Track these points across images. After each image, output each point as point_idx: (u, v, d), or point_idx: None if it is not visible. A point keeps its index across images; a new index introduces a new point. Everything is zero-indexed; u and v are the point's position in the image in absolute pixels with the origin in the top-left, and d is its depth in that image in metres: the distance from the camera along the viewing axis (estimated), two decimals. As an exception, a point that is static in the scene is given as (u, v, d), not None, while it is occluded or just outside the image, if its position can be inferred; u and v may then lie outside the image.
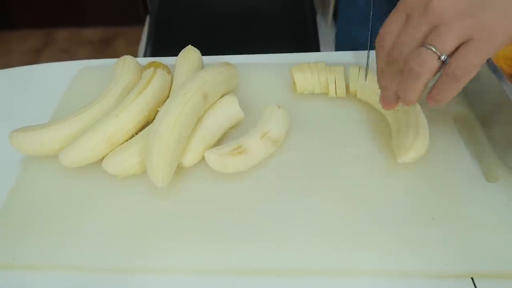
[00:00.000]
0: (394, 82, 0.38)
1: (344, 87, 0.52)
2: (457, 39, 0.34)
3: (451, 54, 0.34)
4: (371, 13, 0.48)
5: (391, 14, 0.38)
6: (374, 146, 0.47)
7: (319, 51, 1.08)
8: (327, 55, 0.62)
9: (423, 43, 0.35)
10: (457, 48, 0.34)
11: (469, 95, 0.51)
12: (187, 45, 0.55)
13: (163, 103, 0.47)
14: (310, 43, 1.11)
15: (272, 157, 0.46)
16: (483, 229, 0.39)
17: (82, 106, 0.47)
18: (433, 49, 0.34)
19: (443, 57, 0.34)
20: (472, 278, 0.36)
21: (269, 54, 0.62)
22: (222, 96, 0.48)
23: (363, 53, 0.61)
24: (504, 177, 0.43)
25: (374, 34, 0.44)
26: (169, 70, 0.51)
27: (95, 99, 0.48)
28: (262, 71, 0.57)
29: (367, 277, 0.37)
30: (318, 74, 0.52)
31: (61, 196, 0.43)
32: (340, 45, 0.87)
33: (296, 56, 0.62)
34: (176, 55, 0.55)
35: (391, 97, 0.39)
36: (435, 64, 0.35)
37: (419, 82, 0.36)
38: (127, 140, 0.44)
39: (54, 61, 0.63)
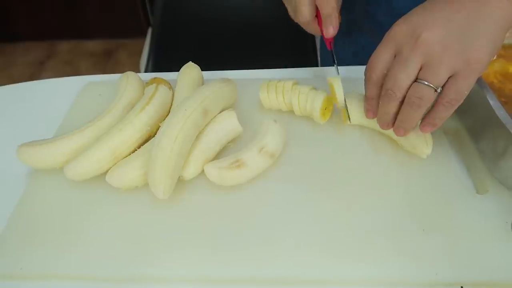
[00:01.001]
0: (389, 108, 0.42)
1: (307, 109, 0.52)
2: (447, 73, 0.38)
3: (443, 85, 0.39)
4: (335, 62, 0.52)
5: (380, 45, 0.42)
6: (368, 160, 0.48)
7: (317, 64, 1.10)
8: (325, 70, 0.64)
9: (418, 78, 0.39)
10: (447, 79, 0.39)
11: (459, 109, 0.52)
12: (188, 59, 0.57)
13: (164, 118, 0.49)
14: (309, 57, 1.13)
15: (269, 169, 0.47)
16: (473, 239, 0.40)
17: (87, 121, 0.49)
18: (429, 84, 0.39)
19: (439, 90, 0.39)
20: (461, 287, 0.38)
21: (268, 70, 0.64)
22: (221, 111, 0.50)
23: (361, 68, 0.63)
24: (494, 188, 0.44)
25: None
26: (170, 86, 0.53)
27: (99, 114, 0.50)
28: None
29: (360, 286, 0.38)
30: (282, 95, 0.53)
31: (66, 208, 0.44)
32: (324, 60, 0.89)
33: (294, 71, 0.64)
34: (177, 68, 0.57)
35: (389, 121, 0.44)
36: (432, 96, 0.39)
37: (419, 112, 0.41)
38: (130, 154, 0.46)
39: (57, 72, 0.65)
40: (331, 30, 0.49)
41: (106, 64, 2.07)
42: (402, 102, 0.42)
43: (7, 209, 0.45)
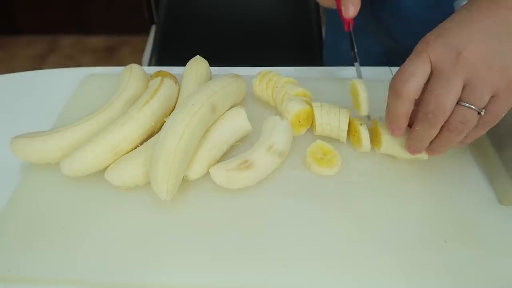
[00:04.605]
0: (429, 134, 0.39)
1: (291, 115, 0.46)
2: (490, 94, 0.36)
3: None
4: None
5: (413, 57, 0.37)
6: (384, 165, 0.46)
7: (322, 63, 1.08)
8: (332, 70, 0.61)
9: (460, 100, 0.36)
10: None
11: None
12: (192, 55, 0.54)
13: (169, 113, 0.46)
14: (315, 57, 1.11)
15: (279, 171, 0.44)
16: (497, 253, 0.38)
17: (86, 113, 0.46)
18: (473, 107, 0.36)
19: (482, 112, 0.36)
20: (487, 306, 0.35)
21: (276, 67, 0.61)
22: (230, 108, 0.47)
23: (373, 69, 0.60)
24: (519, 200, 0.42)
25: None
26: (176, 80, 0.50)
27: (100, 106, 0.47)
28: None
29: (378, 301, 0.35)
30: (271, 89, 0.50)
31: (61, 207, 0.41)
32: (328, 60, 0.86)
33: (303, 70, 0.61)
34: (180, 64, 0.54)
35: (422, 148, 0.41)
36: (476, 119, 0.37)
37: (461, 137, 0.38)
38: (131, 150, 0.43)
39: (59, 67, 0.62)
40: (351, 9, 0.43)
41: (108, 60, 2.05)
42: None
43: (-3, 206, 0.42)
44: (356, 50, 0.47)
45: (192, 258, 0.37)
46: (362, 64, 0.62)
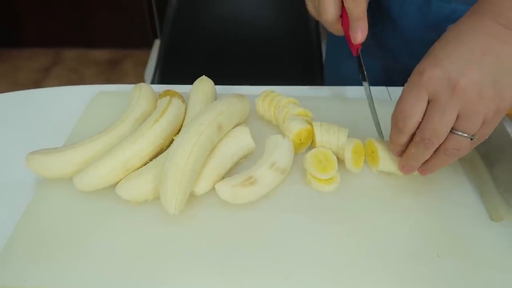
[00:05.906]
0: (423, 156, 0.42)
1: (292, 134, 0.49)
2: (481, 121, 0.38)
3: None
4: None
5: (411, 90, 0.40)
6: (380, 181, 0.48)
7: (323, 81, 1.10)
8: (333, 90, 0.64)
9: (454, 128, 0.39)
10: None
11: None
12: (195, 73, 0.56)
13: (178, 131, 0.48)
14: (315, 74, 1.13)
15: (281, 187, 0.47)
16: (488, 268, 0.40)
17: (97, 131, 0.49)
18: (466, 135, 0.39)
19: (475, 138, 0.39)
20: (477, 317, 0.37)
21: (279, 86, 0.63)
22: (234, 127, 0.49)
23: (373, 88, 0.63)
24: (508, 216, 0.44)
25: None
26: (183, 99, 0.53)
27: (111, 124, 0.49)
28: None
29: (374, 312, 0.37)
30: (274, 108, 0.53)
31: (74, 219, 0.43)
32: (329, 80, 0.88)
33: (304, 90, 0.64)
34: (184, 81, 0.56)
35: (416, 167, 0.44)
36: (469, 145, 0.40)
37: (455, 159, 0.41)
38: (141, 166, 0.45)
39: (62, 79, 0.65)
40: (359, 35, 0.45)
41: (111, 73, 2.08)
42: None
43: (13, 219, 0.44)
44: (365, 72, 0.49)
45: (197, 271, 0.39)
46: (360, 83, 0.65)
